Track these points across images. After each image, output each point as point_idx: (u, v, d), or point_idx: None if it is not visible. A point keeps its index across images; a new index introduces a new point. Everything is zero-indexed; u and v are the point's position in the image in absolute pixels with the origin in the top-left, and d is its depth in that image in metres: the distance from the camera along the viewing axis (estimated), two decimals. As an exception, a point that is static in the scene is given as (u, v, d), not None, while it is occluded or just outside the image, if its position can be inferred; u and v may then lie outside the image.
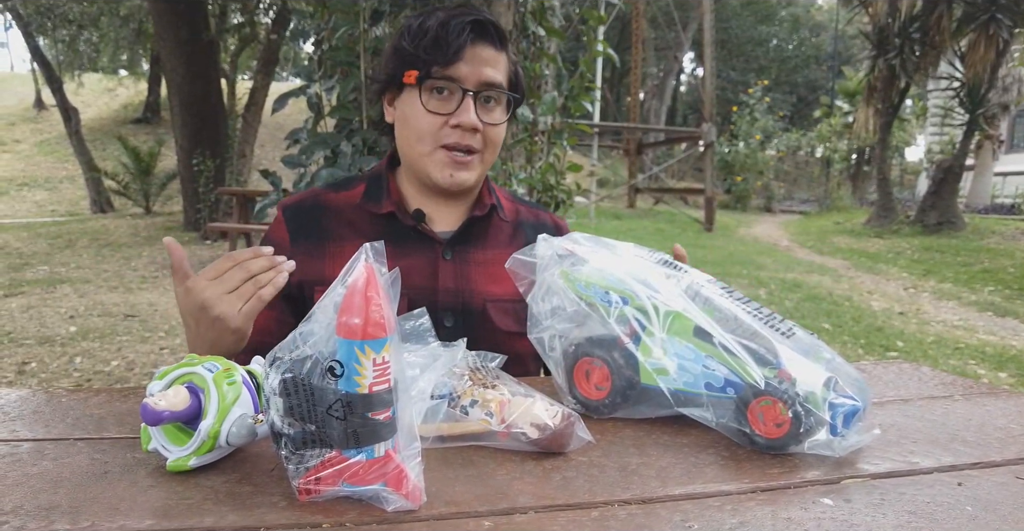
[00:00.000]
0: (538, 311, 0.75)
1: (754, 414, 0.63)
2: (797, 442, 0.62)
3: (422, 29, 0.94)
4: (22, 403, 0.74)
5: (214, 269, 0.81)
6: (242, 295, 0.80)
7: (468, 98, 0.94)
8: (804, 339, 0.67)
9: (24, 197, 13.04)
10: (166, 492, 0.53)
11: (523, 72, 1.06)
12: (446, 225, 1.05)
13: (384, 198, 1.03)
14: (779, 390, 0.62)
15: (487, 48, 0.96)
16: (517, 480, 0.57)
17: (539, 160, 2.64)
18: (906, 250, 8.96)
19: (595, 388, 0.73)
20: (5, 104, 18.42)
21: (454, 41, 0.92)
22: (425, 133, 0.96)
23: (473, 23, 0.94)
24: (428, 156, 0.97)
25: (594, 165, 12.82)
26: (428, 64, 0.94)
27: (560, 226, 1.16)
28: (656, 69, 25.00)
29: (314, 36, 2.24)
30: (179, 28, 8.25)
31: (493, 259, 1.04)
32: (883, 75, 10.81)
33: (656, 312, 0.69)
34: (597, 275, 0.72)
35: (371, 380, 0.49)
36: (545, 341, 0.76)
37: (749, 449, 0.65)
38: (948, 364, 3.99)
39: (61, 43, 15.00)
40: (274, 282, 0.82)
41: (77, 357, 3.79)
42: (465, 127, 0.95)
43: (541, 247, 0.76)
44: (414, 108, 0.96)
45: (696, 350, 0.67)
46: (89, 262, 6.98)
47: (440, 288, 1.00)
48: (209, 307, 0.79)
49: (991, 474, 0.61)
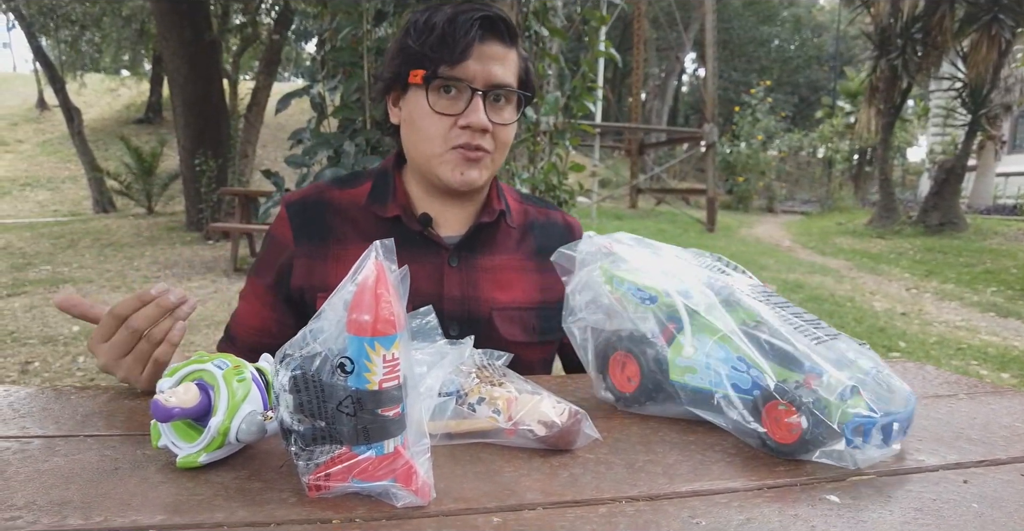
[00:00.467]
0: (575, 303, 0.77)
1: (768, 417, 0.63)
2: (806, 450, 0.61)
3: (428, 26, 0.90)
4: (31, 400, 0.74)
5: (103, 329, 0.74)
6: (138, 358, 0.74)
7: (477, 98, 0.90)
8: (841, 347, 0.65)
9: (27, 197, 13.06)
10: (176, 488, 0.53)
11: (532, 69, 1.01)
12: (452, 229, 1.02)
13: (390, 200, 0.99)
14: (794, 395, 0.61)
15: (497, 45, 0.92)
16: (525, 477, 0.57)
17: (542, 160, 2.65)
18: (908, 251, 8.95)
19: (627, 381, 0.74)
20: (8, 104, 18.46)
21: (462, 39, 0.88)
22: (434, 135, 0.93)
23: (482, 19, 0.90)
24: (438, 158, 0.93)
25: (596, 165, 12.83)
26: (435, 63, 0.89)
27: (571, 224, 1.12)
28: (658, 69, 25.01)
29: (317, 36, 2.25)
30: (181, 28, 8.26)
31: (500, 265, 1.01)
32: (885, 75, 10.81)
33: (688, 312, 0.69)
34: (633, 273, 0.73)
35: (381, 376, 0.50)
36: (577, 332, 0.77)
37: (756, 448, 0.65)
38: (950, 365, 3.98)
39: (64, 43, 15.01)
40: (169, 339, 0.74)
41: (80, 357, 3.80)
42: (475, 128, 0.91)
43: (584, 243, 0.78)
44: (421, 109, 0.92)
45: (728, 350, 0.66)
46: (91, 262, 7.00)
47: (446, 296, 0.97)
48: (112, 373, 0.75)
49: (997, 472, 0.61)
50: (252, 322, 1.02)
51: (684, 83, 30.21)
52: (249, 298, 1.04)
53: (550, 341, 1.04)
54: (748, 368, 0.65)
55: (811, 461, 0.62)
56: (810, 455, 0.61)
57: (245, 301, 1.04)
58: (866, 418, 0.59)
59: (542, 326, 1.01)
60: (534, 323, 1.01)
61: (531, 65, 1.00)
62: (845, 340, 0.67)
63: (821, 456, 0.61)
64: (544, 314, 1.02)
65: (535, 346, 1.01)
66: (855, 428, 0.59)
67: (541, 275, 1.03)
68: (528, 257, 1.04)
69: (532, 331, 1.01)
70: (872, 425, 0.60)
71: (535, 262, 1.04)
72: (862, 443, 0.60)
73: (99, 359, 0.75)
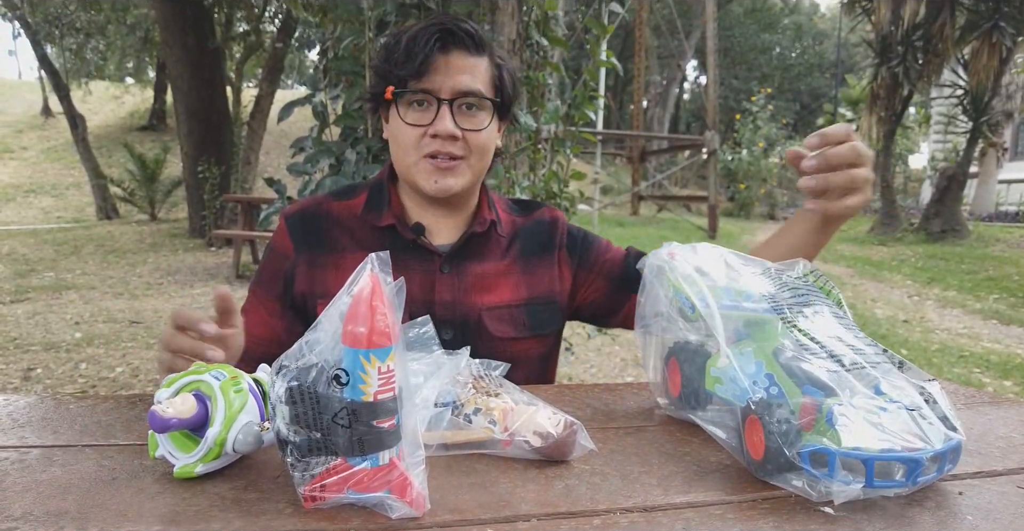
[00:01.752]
0: (642, 310, 0.80)
1: (747, 431, 0.61)
2: (769, 470, 0.58)
3: (396, 44, 0.96)
4: (30, 410, 0.74)
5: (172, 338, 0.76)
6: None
7: (444, 107, 0.95)
8: (869, 377, 0.61)
9: (31, 203, 13.10)
10: (173, 498, 0.53)
11: (512, 74, 1.04)
12: (444, 237, 1.06)
13: (385, 209, 1.04)
14: (764, 412, 0.59)
15: (461, 55, 0.97)
16: (520, 488, 0.57)
17: (542, 168, 2.65)
18: (910, 258, 8.94)
19: (675, 386, 0.77)
20: (13, 111, 18.55)
21: (420, 52, 0.93)
22: (407, 145, 0.98)
23: (441, 32, 0.95)
24: (414, 167, 0.99)
25: (597, 172, 12.84)
26: (402, 78, 0.95)
27: (556, 217, 1.14)
28: (660, 77, 25.08)
29: (319, 45, 2.26)
30: (185, 36, 8.32)
31: (488, 272, 1.05)
32: (886, 83, 10.81)
33: (727, 323, 0.69)
34: (686, 282, 0.74)
35: (376, 388, 0.50)
36: (642, 338, 0.81)
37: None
38: (953, 372, 3.97)
39: (68, 51, 15.12)
40: (199, 355, 0.74)
41: (82, 363, 3.81)
42: (442, 135, 0.95)
43: (652, 255, 0.81)
44: (396, 122, 0.99)
45: (762, 366, 0.64)
46: (95, 268, 7.02)
47: (437, 301, 1.01)
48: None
49: (992, 483, 0.61)
50: (259, 332, 1.03)
51: (685, 90, 30.32)
52: (255, 310, 1.05)
53: (545, 334, 1.07)
54: (769, 385, 0.62)
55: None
56: (776, 478, 0.58)
57: (250, 314, 1.05)
58: (827, 447, 0.55)
59: (531, 321, 1.05)
60: (523, 319, 1.05)
61: (508, 72, 1.03)
62: (881, 369, 0.62)
63: (785, 481, 0.57)
64: (532, 309, 1.06)
65: (528, 340, 1.05)
66: (813, 456, 0.56)
67: (527, 275, 1.08)
68: (514, 261, 1.09)
69: (523, 326, 1.04)
70: (833, 458, 0.55)
71: (520, 265, 1.08)
72: (826, 475, 0.55)
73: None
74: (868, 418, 0.57)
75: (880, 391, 0.60)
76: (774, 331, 0.66)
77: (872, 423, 0.57)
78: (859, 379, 0.61)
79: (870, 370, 0.62)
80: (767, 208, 17.36)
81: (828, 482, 0.55)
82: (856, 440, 0.55)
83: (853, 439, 0.55)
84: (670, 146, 17.40)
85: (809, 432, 0.57)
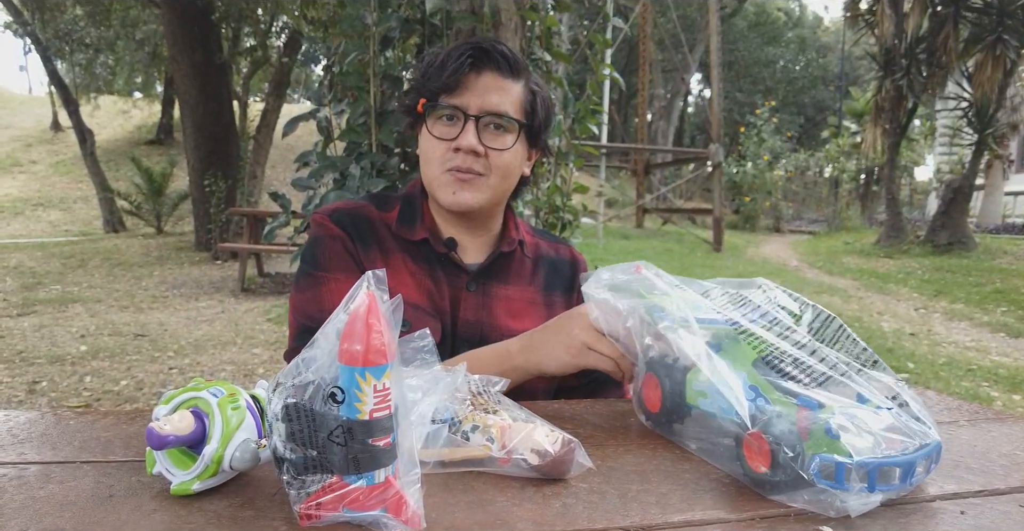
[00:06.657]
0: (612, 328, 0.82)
1: (746, 446, 0.61)
2: (772, 486, 0.58)
3: (433, 60, 0.99)
4: (30, 425, 0.75)
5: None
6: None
7: (470, 123, 0.97)
8: (847, 388, 0.62)
9: (39, 217, 13.20)
10: (170, 516, 0.53)
11: (547, 101, 1.05)
12: (472, 257, 1.07)
13: (418, 223, 1.05)
14: (770, 426, 0.58)
15: (493, 76, 0.98)
16: (517, 506, 0.57)
17: (546, 181, 2.66)
18: (916, 270, 8.90)
19: (654, 402, 0.76)
20: (23, 126, 18.76)
21: (452, 68, 0.95)
22: (433, 158, 0.99)
23: (475, 51, 0.97)
24: (437, 180, 1.00)
25: (602, 185, 12.87)
26: (435, 93, 0.97)
27: (577, 260, 1.18)
28: (663, 90, 25.17)
29: (324, 60, 2.28)
30: (193, 51, 8.42)
31: (514, 295, 1.07)
32: (890, 95, 10.83)
33: (710, 338, 0.70)
34: (661, 298, 0.76)
35: (372, 406, 0.50)
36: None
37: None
38: (960, 386, 3.93)
39: (78, 66, 15.29)
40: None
41: (87, 376, 3.81)
42: (465, 150, 0.97)
43: (608, 272, 0.82)
44: (426, 135, 1.01)
45: (746, 378, 0.65)
46: (101, 281, 7.05)
47: (460, 318, 1.02)
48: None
49: (995, 502, 0.61)
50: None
51: (690, 104, 30.36)
52: (337, 283, 1.00)
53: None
54: (755, 397, 0.63)
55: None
56: (782, 493, 0.58)
57: (331, 286, 0.99)
58: (840, 460, 0.55)
59: None
60: None
61: (543, 100, 1.04)
62: (863, 378, 0.63)
63: (793, 496, 0.57)
64: None
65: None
66: (823, 469, 0.55)
67: (548, 309, 1.09)
68: (538, 291, 1.10)
69: None
70: (843, 469, 0.54)
71: (543, 297, 1.10)
72: (837, 487, 0.55)
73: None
74: (862, 426, 0.58)
75: (864, 399, 0.62)
76: (747, 345, 0.67)
77: (867, 431, 0.58)
78: (837, 390, 0.63)
79: (844, 379, 0.63)
80: (772, 220, 17.35)
81: (844, 494, 0.55)
82: (861, 449, 0.56)
83: (858, 449, 0.56)
84: (674, 159, 17.46)
85: (807, 442, 0.57)
